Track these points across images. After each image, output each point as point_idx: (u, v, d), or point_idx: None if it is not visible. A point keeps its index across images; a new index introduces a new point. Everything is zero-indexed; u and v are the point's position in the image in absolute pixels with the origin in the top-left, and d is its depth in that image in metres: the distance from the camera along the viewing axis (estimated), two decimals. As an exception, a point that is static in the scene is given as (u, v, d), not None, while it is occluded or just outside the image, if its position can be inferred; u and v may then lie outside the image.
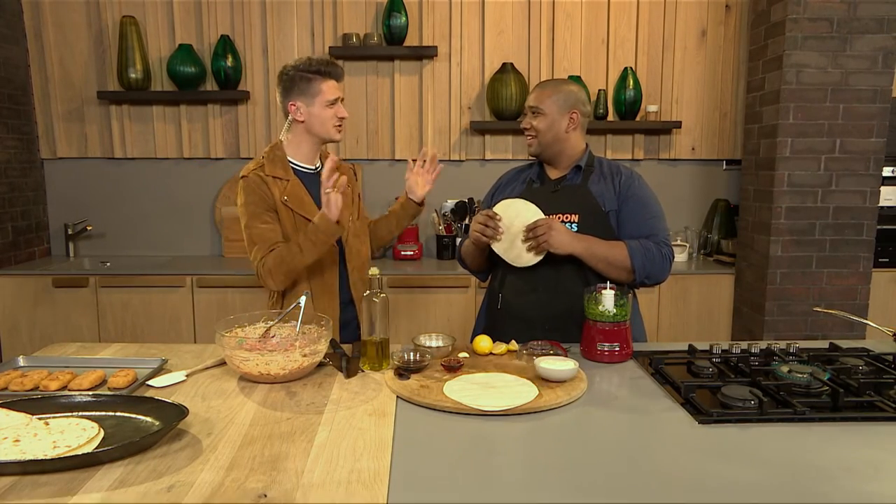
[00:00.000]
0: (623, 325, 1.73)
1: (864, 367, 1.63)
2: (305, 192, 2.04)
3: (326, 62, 2.01)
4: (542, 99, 2.02)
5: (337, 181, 1.85)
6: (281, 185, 2.00)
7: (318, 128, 2.03)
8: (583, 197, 2.01)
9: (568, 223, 1.98)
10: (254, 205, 1.97)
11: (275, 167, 2.02)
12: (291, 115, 2.02)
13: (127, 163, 3.74)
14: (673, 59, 3.67)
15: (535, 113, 2.03)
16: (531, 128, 2.05)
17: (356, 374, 1.64)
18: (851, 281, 3.31)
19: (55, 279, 3.27)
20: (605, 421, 1.37)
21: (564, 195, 2.03)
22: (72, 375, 1.54)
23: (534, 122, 2.04)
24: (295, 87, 2.00)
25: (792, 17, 3.10)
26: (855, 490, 1.07)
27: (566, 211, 2.00)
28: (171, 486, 1.07)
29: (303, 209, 2.01)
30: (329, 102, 2.00)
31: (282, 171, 2.03)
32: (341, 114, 2.03)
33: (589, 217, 1.99)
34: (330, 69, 2.01)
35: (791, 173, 3.22)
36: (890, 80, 3.17)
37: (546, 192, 2.05)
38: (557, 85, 2.06)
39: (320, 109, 2.00)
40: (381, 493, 1.05)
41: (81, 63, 3.62)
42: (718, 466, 1.16)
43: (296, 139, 2.07)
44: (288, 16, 3.60)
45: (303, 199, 2.02)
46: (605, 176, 2.05)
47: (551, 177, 2.09)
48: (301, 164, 2.08)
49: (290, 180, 2.02)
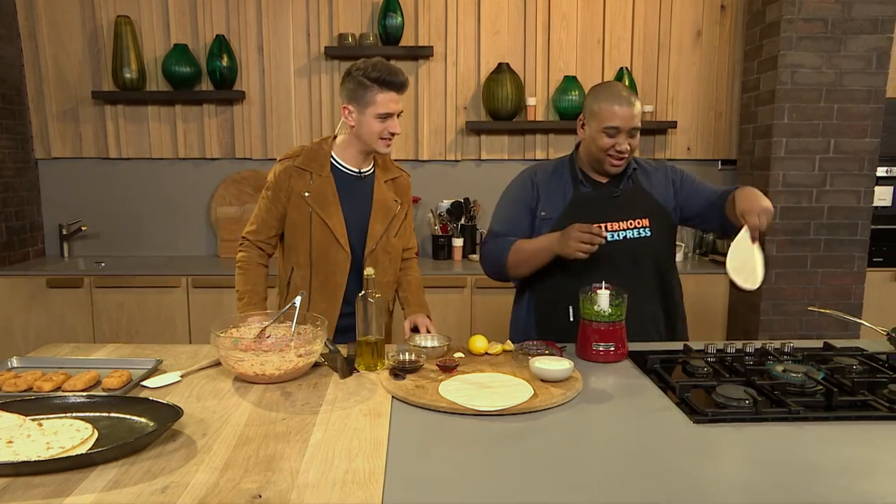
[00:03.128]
0: (618, 324, 1.73)
1: (858, 366, 1.64)
2: (333, 192, 1.99)
3: (390, 71, 1.89)
4: (639, 118, 1.89)
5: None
6: (308, 178, 1.98)
7: (365, 137, 1.94)
8: (646, 200, 1.98)
9: (640, 228, 1.95)
10: (270, 191, 2.02)
11: (311, 161, 2.00)
12: (344, 117, 1.96)
13: (122, 163, 3.73)
14: (668, 59, 3.67)
15: (634, 135, 1.89)
16: (628, 150, 1.89)
17: (351, 375, 1.63)
18: (846, 280, 3.32)
19: (49, 279, 3.25)
20: (600, 421, 1.37)
21: (627, 200, 1.97)
22: (66, 376, 1.53)
23: (632, 142, 1.89)
24: (352, 91, 1.91)
25: (787, 18, 3.11)
26: (849, 489, 1.07)
27: (636, 217, 1.96)
28: (166, 486, 1.07)
29: (323, 209, 1.97)
30: (380, 115, 1.90)
31: (317, 166, 2.00)
32: (393, 129, 1.93)
33: (658, 220, 1.97)
34: (391, 79, 1.88)
35: (786, 173, 3.23)
36: (884, 80, 3.18)
37: (605, 197, 1.97)
38: (638, 99, 1.93)
39: (370, 120, 1.91)
40: (376, 494, 1.05)
41: (76, 63, 3.60)
42: (713, 466, 1.16)
43: (346, 140, 2.02)
44: (283, 15, 3.59)
45: (327, 197, 1.98)
46: (651, 173, 2.02)
47: (599, 180, 2.00)
48: (346, 164, 2.03)
49: (322, 176, 1.99)
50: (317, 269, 2.02)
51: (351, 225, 2.01)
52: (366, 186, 2.05)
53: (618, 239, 1.95)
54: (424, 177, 3.74)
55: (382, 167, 2.10)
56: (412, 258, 2.23)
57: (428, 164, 3.75)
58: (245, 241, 2.08)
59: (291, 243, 2.05)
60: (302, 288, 2.04)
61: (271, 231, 2.05)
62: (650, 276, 1.97)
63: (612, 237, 1.94)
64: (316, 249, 2.00)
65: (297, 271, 2.05)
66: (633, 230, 1.96)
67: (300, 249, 2.02)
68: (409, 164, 3.74)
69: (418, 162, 3.74)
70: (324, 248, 2.00)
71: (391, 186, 2.10)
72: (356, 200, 2.02)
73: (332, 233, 1.98)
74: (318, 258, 2.01)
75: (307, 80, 3.64)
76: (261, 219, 2.05)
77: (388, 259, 2.09)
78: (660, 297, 2.02)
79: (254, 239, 2.06)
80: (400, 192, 2.11)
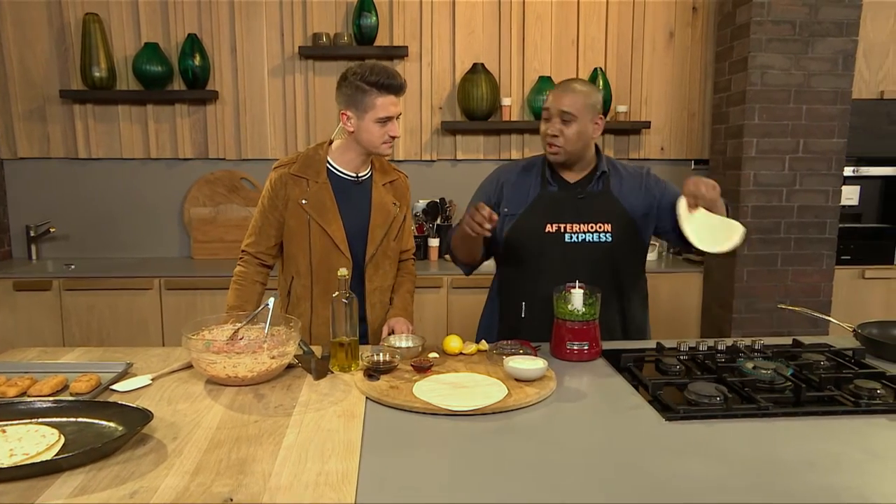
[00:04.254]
0: (592, 323, 1.75)
1: (825, 362, 1.67)
2: (331, 198, 1.95)
3: (388, 74, 1.86)
4: (575, 104, 1.86)
5: None
6: (305, 185, 1.95)
7: (365, 142, 1.91)
8: (612, 205, 1.94)
9: (601, 233, 1.93)
10: (267, 200, 1.98)
11: (306, 168, 1.97)
12: (342, 123, 1.93)
13: (92, 163, 3.66)
14: (642, 59, 3.71)
15: (567, 120, 1.87)
16: (560, 135, 1.88)
17: (325, 376, 1.62)
18: (815, 278, 3.38)
19: (16, 282, 3.18)
20: (573, 419, 1.38)
21: (592, 203, 1.95)
22: (31, 381, 1.50)
23: (565, 129, 1.87)
24: (349, 96, 1.87)
25: (756, 20, 3.16)
26: (815, 483, 1.09)
27: (598, 220, 1.93)
28: (135, 491, 1.05)
29: (321, 216, 1.94)
30: (380, 119, 1.87)
31: (313, 172, 1.96)
32: (393, 132, 1.90)
33: (620, 226, 1.94)
34: (389, 82, 1.86)
35: (757, 173, 3.28)
36: (850, 82, 3.25)
37: (570, 198, 1.95)
38: (588, 87, 1.91)
39: (370, 125, 1.87)
40: (349, 495, 1.04)
41: (43, 61, 3.53)
42: (685, 462, 1.17)
43: (343, 145, 1.99)
44: (257, 15, 3.56)
45: (325, 204, 1.95)
46: (625, 179, 1.99)
47: (568, 180, 1.99)
48: (342, 169, 1.99)
49: (318, 182, 1.96)
50: (318, 277, 1.98)
51: (350, 231, 1.97)
52: (364, 191, 2.01)
53: (576, 241, 1.93)
54: (400, 177, 3.74)
55: (380, 170, 2.07)
56: (409, 260, 2.19)
57: (403, 165, 3.74)
58: (245, 254, 2.02)
59: (290, 252, 2.01)
60: (303, 297, 2.00)
61: (270, 241, 2.00)
62: (607, 282, 1.92)
63: (570, 239, 1.93)
64: (316, 257, 1.96)
65: (298, 280, 2.01)
66: (592, 234, 1.93)
67: (300, 258, 1.98)
68: (385, 165, 3.73)
69: (394, 162, 3.73)
70: (324, 256, 1.96)
71: (389, 189, 2.06)
72: (355, 206, 1.99)
73: (331, 240, 1.94)
74: (319, 266, 1.97)
75: (281, 80, 3.61)
76: (258, 229, 2.00)
77: (388, 263, 2.06)
78: (616, 306, 1.99)
79: (253, 251, 2.00)
80: (399, 195, 2.08)
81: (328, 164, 1.99)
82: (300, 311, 2.01)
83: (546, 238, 1.93)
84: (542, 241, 1.94)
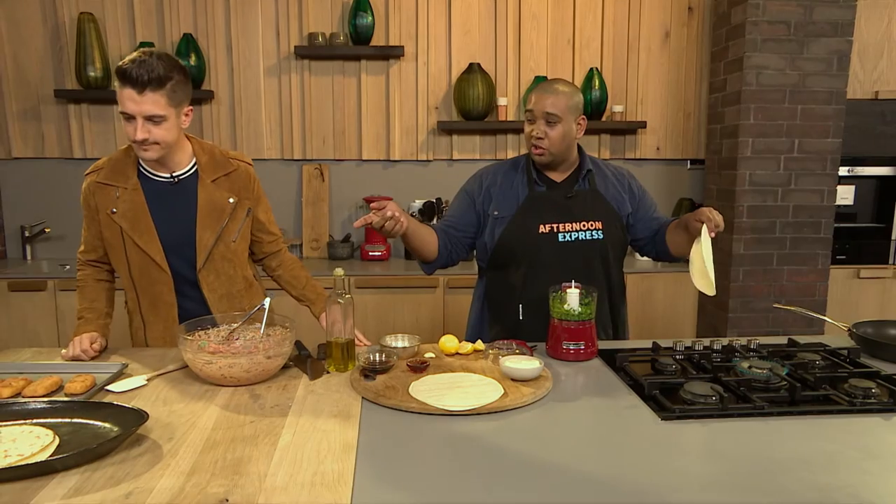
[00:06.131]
0: (588, 323, 1.75)
1: (820, 361, 1.67)
2: (142, 206, 1.76)
3: (132, 60, 1.59)
4: (559, 105, 1.86)
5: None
6: (114, 193, 1.77)
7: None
8: (600, 203, 1.97)
9: (593, 231, 1.95)
10: (83, 210, 1.84)
11: (115, 173, 1.78)
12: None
13: (87, 163, 3.57)
14: (638, 59, 3.72)
15: (552, 122, 1.87)
16: (545, 137, 1.88)
17: (321, 376, 1.62)
18: (810, 278, 3.39)
19: (11, 283, 3.17)
20: (569, 419, 1.38)
21: (581, 201, 1.96)
22: (26, 382, 1.49)
23: (549, 131, 1.87)
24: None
25: (751, 20, 3.17)
26: (811, 482, 1.10)
27: (588, 219, 1.95)
28: (130, 492, 1.05)
29: (133, 227, 1.76)
30: (123, 116, 1.64)
31: (122, 178, 1.77)
32: (132, 135, 1.64)
33: (609, 223, 1.97)
34: (126, 70, 1.58)
35: (752, 173, 3.29)
36: (844, 82, 3.26)
37: (559, 197, 1.96)
38: (570, 88, 1.91)
39: (122, 122, 1.65)
40: (345, 495, 1.04)
41: (37, 60, 3.52)
42: (680, 462, 1.17)
43: None
44: (252, 14, 3.55)
45: (136, 214, 1.76)
46: (609, 178, 2.02)
47: (555, 179, 1.99)
48: (153, 171, 1.79)
49: (128, 188, 1.77)
50: (142, 290, 1.84)
51: (171, 241, 1.79)
52: (185, 192, 1.80)
53: (570, 240, 1.95)
54: (396, 177, 3.74)
55: (209, 165, 1.83)
56: (280, 250, 2.00)
57: (399, 164, 3.74)
58: (79, 260, 1.92)
59: (114, 264, 1.87)
60: (134, 311, 1.90)
61: (99, 251, 1.87)
62: (600, 278, 1.96)
63: (564, 238, 1.94)
64: (136, 270, 1.82)
65: (127, 293, 1.89)
66: (585, 232, 1.95)
67: (121, 271, 1.85)
68: (381, 164, 3.73)
69: (390, 162, 3.73)
70: (143, 270, 1.81)
71: (223, 184, 1.83)
72: (174, 211, 1.79)
73: (146, 254, 1.78)
74: (140, 279, 1.83)
75: (277, 80, 3.60)
76: (85, 239, 1.89)
77: (231, 267, 1.88)
78: (608, 300, 2.03)
79: (84, 259, 1.90)
80: (237, 188, 1.85)
81: (139, 167, 1.80)
82: (135, 326, 1.93)
83: (540, 238, 1.94)
84: (537, 241, 1.94)
